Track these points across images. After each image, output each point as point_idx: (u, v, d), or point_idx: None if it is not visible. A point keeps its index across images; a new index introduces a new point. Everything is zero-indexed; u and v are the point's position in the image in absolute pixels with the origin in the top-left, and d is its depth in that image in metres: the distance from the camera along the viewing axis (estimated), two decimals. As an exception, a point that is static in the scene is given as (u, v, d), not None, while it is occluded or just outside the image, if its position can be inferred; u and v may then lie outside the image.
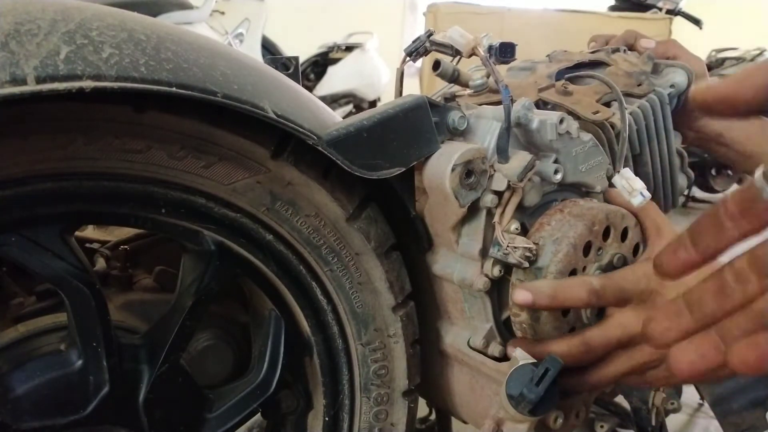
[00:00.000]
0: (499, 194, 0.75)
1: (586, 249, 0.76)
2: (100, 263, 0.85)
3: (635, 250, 0.82)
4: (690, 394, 1.47)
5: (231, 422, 0.77)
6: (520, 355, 0.73)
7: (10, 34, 0.47)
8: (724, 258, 0.41)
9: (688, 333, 0.41)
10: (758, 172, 0.38)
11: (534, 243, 0.75)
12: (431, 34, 0.84)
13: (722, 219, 0.40)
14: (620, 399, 1.00)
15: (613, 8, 3.43)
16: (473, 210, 0.75)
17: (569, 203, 0.79)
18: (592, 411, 1.14)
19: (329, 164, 0.67)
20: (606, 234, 0.78)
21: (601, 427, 1.34)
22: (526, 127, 0.77)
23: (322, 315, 0.76)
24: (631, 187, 0.85)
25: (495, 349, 0.80)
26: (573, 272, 0.75)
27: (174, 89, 0.52)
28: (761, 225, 0.39)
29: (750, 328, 0.39)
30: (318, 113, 0.67)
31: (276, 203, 0.68)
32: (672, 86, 1.06)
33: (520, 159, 0.74)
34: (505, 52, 0.85)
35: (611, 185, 0.88)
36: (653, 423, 0.94)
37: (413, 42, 0.86)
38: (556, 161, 0.79)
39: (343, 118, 0.68)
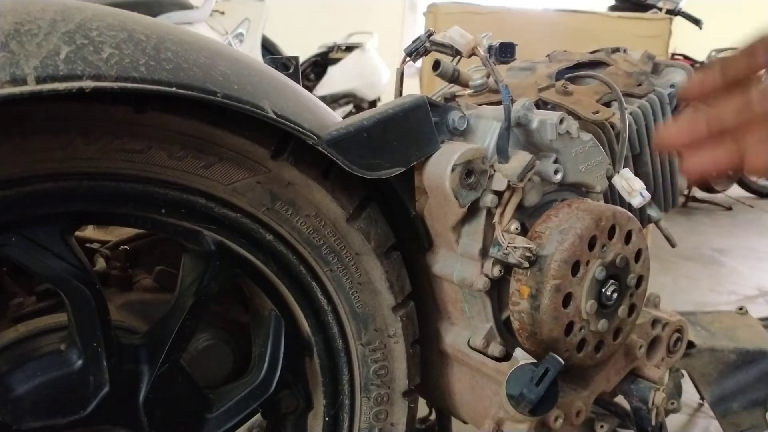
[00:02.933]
0: (499, 194, 0.75)
1: (591, 244, 0.76)
2: (100, 263, 0.85)
3: (637, 256, 0.82)
4: (690, 394, 1.47)
5: (231, 422, 0.77)
6: (520, 355, 0.74)
7: (11, 34, 0.47)
8: None
9: (701, 141, 0.45)
10: None
11: (539, 233, 0.75)
12: (431, 34, 0.85)
13: (758, 49, 0.45)
14: (620, 399, 1.00)
15: (613, 8, 3.42)
16: (473, 210, 0.75)
17: (577, 200, 0.80)
18: (592, 411, 1.13)
19: (329, 164, 0.67)
20: (611, 232, 0.78)
21: (601, 427, 1.34)
22: (526, 127, 0.78)
23: (322, 315, 0.76)
24: (631, 187, 0.85)
25: (495, 349, 0.80)
26: (577, 264, 0.75)
27: (174, 89, 0.52)
28: None
29: (766, 138, 0.42)
30: (318, 113, 0.66)
31: (276, 203, 0.68)
32: (672, 86, 1.06)
33: (520, 159, 0.74)
34: (505, 52, 0.85)
35: (611, 185, 0.88)
36: (653, 423, 0.94)
37: (413, 42, 0.86)
38: (556, 161, 0.79)
39: (343, 118, 0.68)
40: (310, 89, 4.49)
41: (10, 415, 0.62)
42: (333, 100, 4.78)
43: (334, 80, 4.89)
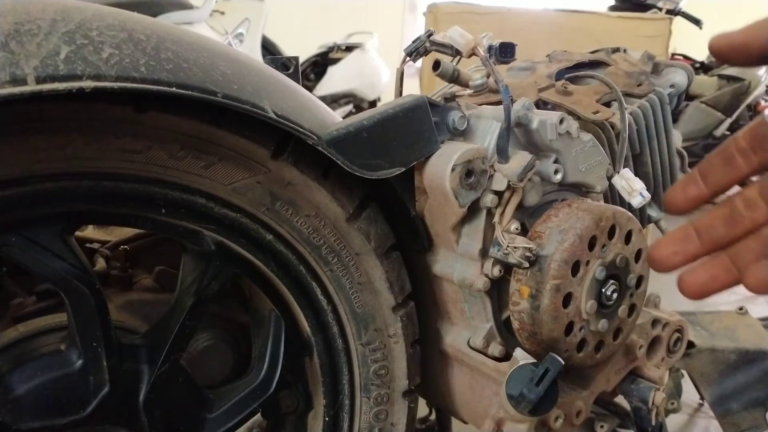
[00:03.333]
0: (499, 194, 0.75)
1: (591, 243, 0.76)
2: (100, 263, 0.85)
3: (637, 256, 0.82)
4: (690, 394, 1.47)
5: (231, 422, 0.77)
6: (520, 355, 0.73)
7: (11, 34, 0.47)
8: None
9: (695, 257, 0.43)
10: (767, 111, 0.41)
11: (539, 233, 0.75)
12: (431, 34, 0.85)
13: (732, 154, 0.42)
14: (620, 399, 1.00)
15: (613, 8, 3.43)
16: (473, 210, 0.75)
17: (577, 200, 0.80)
18: (592, 411, 1.13)
19: (329, 164, 0.67)
20: (611, 232, 0.78)
21: (601, 427, 1.34)
22: (526, 127, 0.78)
23: (322, 315, 0.76)
24: (631, 187, 0.85)
25: (495, 349, 0.80)
26: (577, 264, 0.75)
27: (174, 89, 0.52)
28: None
29: (760, 252, 0.41)
30: (318, 113, 0.67)
31: (276, 203, 0.68)
32: (672, 86, 1.06)
33: (520, 159, 0.74)
34: (505, 52, 0.85)
35: (611, 185, 0.88)
36: (653, 423, 0.94)
37: (413, 42, 0.86)
38: (556, 161, 0.79)
39: (343, 118, 0.68)
40: (310, 89, 4.49)
41: (10, 415, 0.62)
42: (333, 100, 4.78)
43: (334, 80, 4.89)
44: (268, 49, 4.45)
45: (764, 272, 0.40)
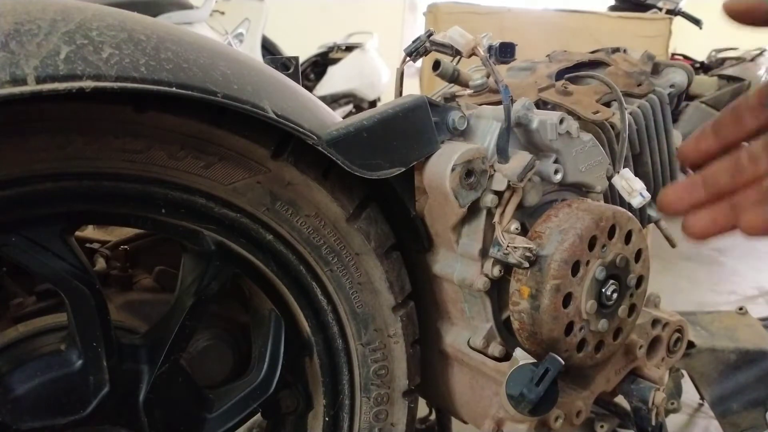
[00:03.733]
0: (499, 194, 0.75)
1: (591, 244, 0.76)
2: (100, 263, 0.85)
3: (637, 256, 0.82)
4: (690, 394, 1.47)
5: (231, 422, 0.77)
6: (520, 355, 0.73)
7: (11, 34, 0.47)
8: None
9: (700, 204, 0.47)
10: None
11: (539, 233, 0.75)
12: (431, 34, 0.85)
13: (743, 111, 0.45)
14: (620, 399, 1.00)
15: (613, 8, 3.43)
16: (473, 210, 0.75)
17: (577, 200, 0.80)
18: (592, 411, 1.14)
19: (329, 164, 0.67)
20: (611, 232, 0.78)
21: (601, 427, 1.34)
22: (526, 127, 0.78)
23: (322, 315, 0.76)
24: (631, 187, 0.85)
25: (495, 349, 0.80)
26: (577, 264, 0.75)
27: (174, 89, 0.52)
28: None
29: (758, 200, 0.44)
30: (318, 113, 0.67)
31: (276, 203, 0.68)
32: (672, 86, 1.06)
33: (520, 159, 0.74)
34: (505, 52, 0.85)
35: (611, 185, 0.88)
36: (653, 423, 0.94)
37: (413, 42, 0.86)
38: (556, 161, 0.79)
39: (343, 118, 0.68)
40: (310, 89, 4.49)
41: (10, 415, 0.62)
42: (333, 100, 4.78)
43: (334, 80, 4.89)
44: (268, 49, 4.45)
45: (758, 216, 0.44)
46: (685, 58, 4.37)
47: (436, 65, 0.84)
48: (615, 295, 0.80)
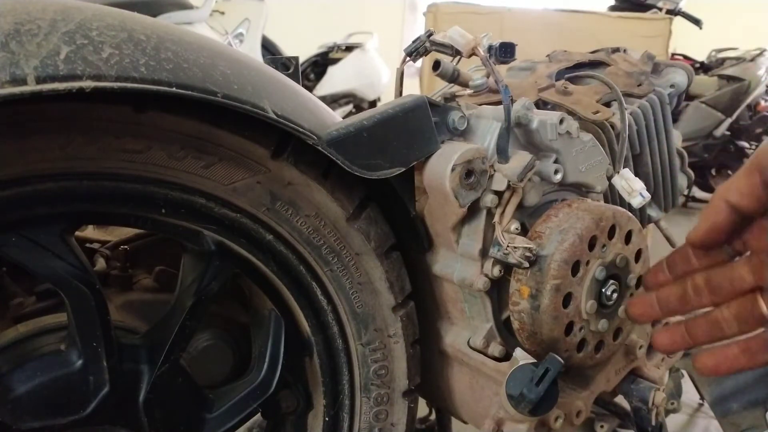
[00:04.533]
0: (499, 194, 0.75)
1: (591, 244, 0.76)
2: (100, 263, 0.85)
3: (637, 256, 0.82)
4: (690, 394, 1.47)
5: (231, 422, 0.77)
6: (520, 355, 0.73)
7: (10, 34, 0.47)
8: None
9: (658, 319, 0.57)
10: None
11: (539, 233, 0.75)
12: (431, 34, 0.85)
13: (689, 255, 0.53)
14: (620, 399, 1.00)
15: (613, 8, 3.43)
16: (473, 210, 0.75)
17: (577, 200, 0.80)
18: (592, 411, 1.14)
19: (329, 164, 0.67)
20: (611, 232, 0.78)
21: (601, 427, 1.34)
22: (526, 127, 0.78)
23: (322, 315, 0.76)
24: (631, 187, 0.85)
25: (495, 349, 0.80)
26: (577, 264, 0.75)
27: (174, 89, 0.52)
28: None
29: (708, 332, 0.52)
30: (318, 113, 0.66)
31: (276, 203, 0.68)
32: (672, 86, 1.06)
33: (520, 159, 0.74)
34: (505, 52, 0.85)
35: (611, 185, 0.88)
36: (653, 423, 0.94)
37: (413, 42, 0.86)
38: (556, 161, 0.79)
39: (343, 118, 0.68)
40: (310, 89, 4.49)
41: (10, 415, 0.62)
42: (333, 100, 4.78)
43: (334, 80, 4.89)
44: (268, 49, 4.46)
45: (707, 359, 0.51)
46: (685, 58, 4.37)
47: (436, 65, 0.84)
48: (615, 295, 0.80)
